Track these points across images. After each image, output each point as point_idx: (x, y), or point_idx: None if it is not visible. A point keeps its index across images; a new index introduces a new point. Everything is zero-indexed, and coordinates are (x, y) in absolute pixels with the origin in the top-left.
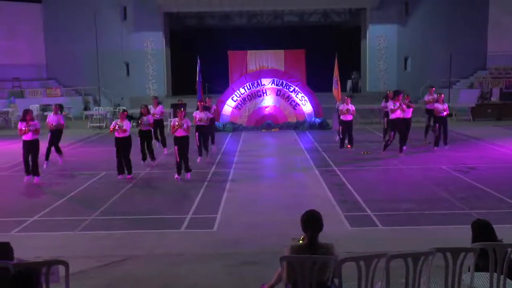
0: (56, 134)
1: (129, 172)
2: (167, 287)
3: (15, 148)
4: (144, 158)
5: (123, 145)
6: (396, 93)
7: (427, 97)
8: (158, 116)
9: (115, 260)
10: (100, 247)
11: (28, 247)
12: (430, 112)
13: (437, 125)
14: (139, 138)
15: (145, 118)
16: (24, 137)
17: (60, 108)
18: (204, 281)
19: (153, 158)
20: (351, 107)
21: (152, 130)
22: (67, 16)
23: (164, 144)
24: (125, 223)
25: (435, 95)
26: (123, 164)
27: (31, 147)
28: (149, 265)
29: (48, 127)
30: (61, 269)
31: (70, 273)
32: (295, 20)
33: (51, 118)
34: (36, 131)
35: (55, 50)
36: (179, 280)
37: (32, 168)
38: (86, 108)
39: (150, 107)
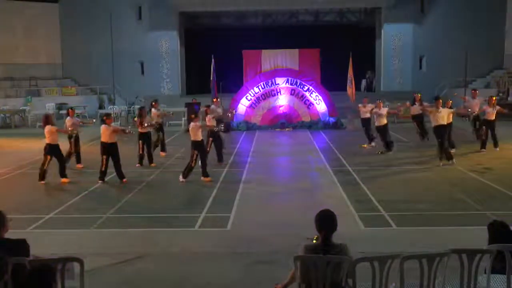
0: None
1: (123, 177)
2: (181, 285)
3: (32, 146)
4: (140, 162)
5: (114, 151)
6: (436, 99)
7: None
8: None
9: (130, 258)
10: (114, 245)
11: (44, 244)
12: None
13: (483, 127)
14: (139, 141)
15: (147, 119)
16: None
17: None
18: (218, 280)
19: (152, 161)
20: (384, 111)
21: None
22: (83, 16)
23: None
24: (139, 221)
25: (478, 100)
26: (110, 169)
27: (56, 151)
28: (163, 263)
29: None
30: (76, 266)
31: (85, 270)
32: (310, 20)
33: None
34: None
35: (71, 49)
36: (192, 278)
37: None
38: (101, 107)
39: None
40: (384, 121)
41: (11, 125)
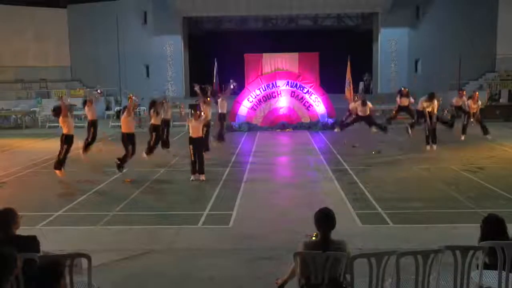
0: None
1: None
2: (185, 280)
3: (42, 146)
4: (149, 152)
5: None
6: (431, 96)
7: (455, 100)
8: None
9: (135, 254)
10: (120, 241)
11: (53, 240)
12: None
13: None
14: (153, 132)
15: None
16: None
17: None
18: (221, 275)
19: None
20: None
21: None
22: (91, 20)
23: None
24: (144, 219)
25: (464, 98)
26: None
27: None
28: (168, 258)
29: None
30: (84, 261)
31: (92, 265)
32: (309, 24)
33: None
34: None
35: (79, 52)
36: (196, 273)
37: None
38: (107, 108)
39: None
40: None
41: (22, 126)
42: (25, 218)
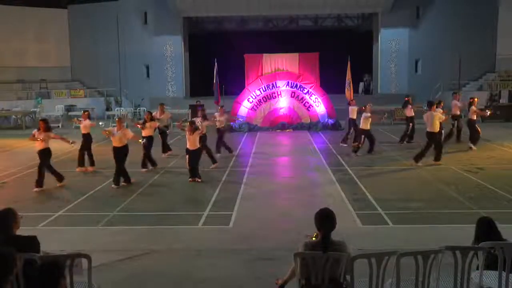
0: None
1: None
2: (185, 280)
3: None
4: (144, 166)
5: (122, 154)
6: (430, 104)
7: (453, 104)
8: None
9: (135, 254)
10: (120, 242)
11: (54, 241)
12: (457, 118)
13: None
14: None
15: (147, 125)
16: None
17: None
18: (221, 276)
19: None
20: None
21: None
22: (91, 20)
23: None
24: (144, 219)
25: (457, 101)
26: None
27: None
28: (168, 259)
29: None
30: (84, 262)
31: (92, 266)
32: (309, 25)
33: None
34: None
35: (80, 53)
36: (196, 274)
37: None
38: (108, 109)
39: (155, 113)
40: (367, 126)
41: (22, 126)
42: (25, 219)
